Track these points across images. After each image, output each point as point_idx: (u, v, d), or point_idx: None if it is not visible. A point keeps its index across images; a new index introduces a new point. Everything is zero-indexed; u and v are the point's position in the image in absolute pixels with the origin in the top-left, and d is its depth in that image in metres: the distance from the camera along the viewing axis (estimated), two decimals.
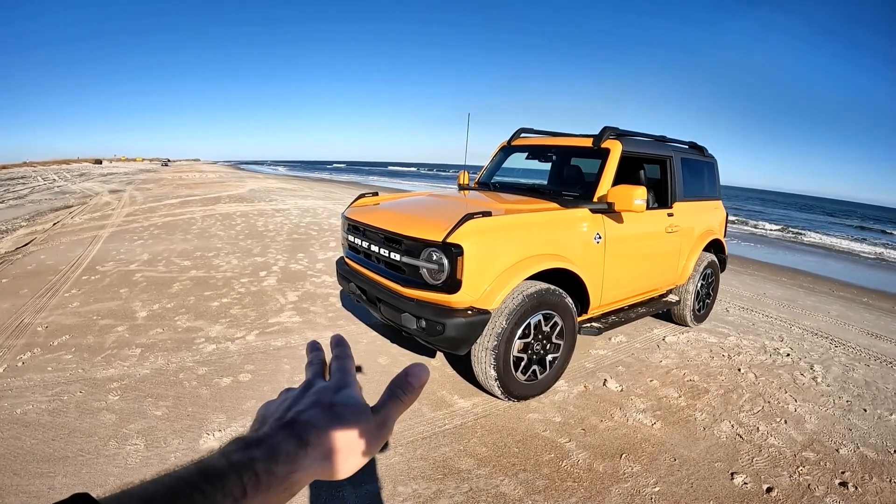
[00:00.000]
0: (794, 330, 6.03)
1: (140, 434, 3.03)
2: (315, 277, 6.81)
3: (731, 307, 6.85)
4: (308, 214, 13.71)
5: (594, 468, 2.97)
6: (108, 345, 4.30)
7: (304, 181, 36.24)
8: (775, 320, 6.39)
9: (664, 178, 4.99)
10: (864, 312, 7.63)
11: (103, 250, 8.16)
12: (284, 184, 30.16)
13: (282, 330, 4.81)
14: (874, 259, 16.80)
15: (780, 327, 6.08)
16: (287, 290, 6.10)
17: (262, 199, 17.80)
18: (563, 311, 3.67)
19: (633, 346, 4.98)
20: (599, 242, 3.96)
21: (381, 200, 4.57)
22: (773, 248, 16.33)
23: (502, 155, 5.49)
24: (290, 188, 25.92)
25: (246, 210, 14.31)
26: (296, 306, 5.53)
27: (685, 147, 5.41)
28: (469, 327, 3.24)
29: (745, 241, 17.42)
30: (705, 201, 5.54)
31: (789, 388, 4.27)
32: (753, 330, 5.84)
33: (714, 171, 5.81)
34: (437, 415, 3.47)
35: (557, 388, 3.93)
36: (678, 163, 5.03)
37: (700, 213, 5.38)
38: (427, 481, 2.77)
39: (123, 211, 13.65)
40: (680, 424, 3.55)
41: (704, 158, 5.63)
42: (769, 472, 3.06)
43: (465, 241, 3.16)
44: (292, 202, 17.23)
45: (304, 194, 21.61)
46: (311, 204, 16.80)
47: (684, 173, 5.12)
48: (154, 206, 15.00)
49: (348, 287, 4.20)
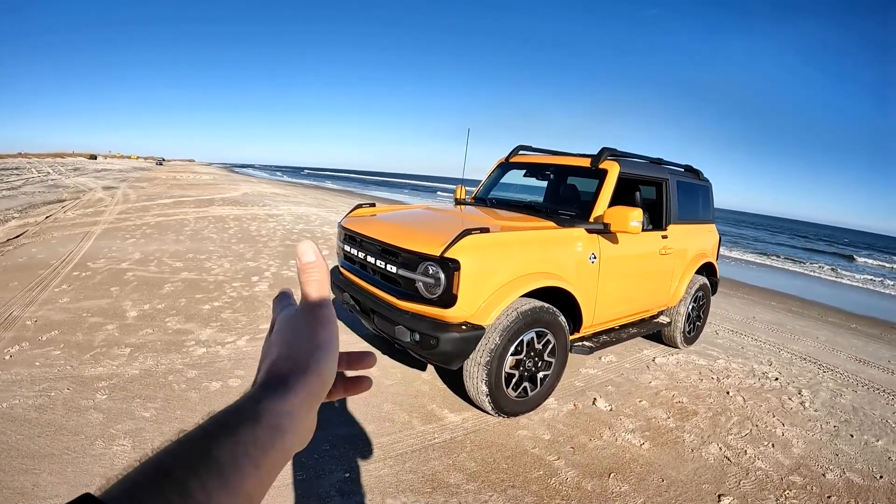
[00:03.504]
0: (782, 354, 6.08)
1: (127, 435, 3.00)
2: None
3: (720, 330, 6.90)
4: (301, 221, 13.70)
5: (583, 486, 2.98)
6: (97, 343, 4.27)
7: (298, 187, 36.23)
8: (764, 344, 6.44)
9: (660, 200, 5.04)
10: (851, 338, 7.71)
11: (95, 247, 8.12)
12: (278, 189, 30.15)
13: None
14: (860, 285, 16.96)
15: (769, 351, 6.14)
16: None
17: (256, 204, 17.79)
18: (556, 329, 3.69)
19: (622, 367, 5.00)
20: (594, 262, 3.99)
21: (379, 212, 4.58)
22: (761, 271, 16.45)
23: (500, 171, 5.52)
24: (283, 193, 25.93)
25: (239, 214, 14.28)
26: None
27: (681, 170, 5.47)
28: (463, 342, 3.25)
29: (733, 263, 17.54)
30: (699, 224, 5.59)
31: (777, 412, 4.31)
32: (742, 353, 5.89)
33: (709, 195, 5.87)
34: (427, 428, 3.46)
35: (547, 406, 3.93)
36: (674, 185, 5.08)
37: (693, 236, 5.43)
38: (416, 494, 2.76)
39: (116, 208, 13.60)
40: (668, 445, 3.57)
41: (699, 182, 5.69)
42: (756, 494, 3.08)
43: (463, 256, 3.17)
44: (286, 208, 17.22)
45: (297, 200, 21.61)
46: (304, 210, 16.79)
47: (679, 196, 5.17)
48: (147, 205, 14.94)
49: (342, 297, 4.20)
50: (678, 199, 5.14)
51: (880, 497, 3.23)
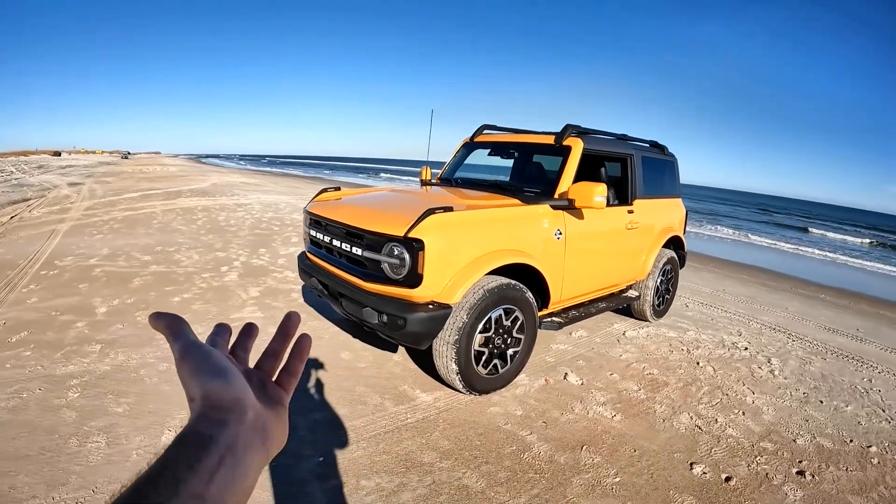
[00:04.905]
0: (752, 325, 6.20)
1: (101, 431, 2.96)
2: (277, 273, 6.74)
3: (690, 303, 7.01)
4: (270, 209, 13.55)
5: (555, 460, 3.01)
6: (67, 341, 4.18)
7: (268, 175, 35.81)
8: (734, 316, 6.56)
9: (625, 175, 5.07)
10: (822, 309, 7.88)
11: (63, 244, 7.93)
12: (247, 178, 29.75)
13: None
14: (829, 257, 17.33)
15: (739, 322, 6.25)
16: (249, 286, 6.02)
17: (225, 194, 17.51)
18: (523, 306, 3.71)
19: (593, 341, 5.06)
20: (560, 238, 4.02)
21: (344, 195, 4.54)
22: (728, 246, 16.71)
23: (465, 151, 5.51)
24: (253, 182, 25.59)
25: (208, 204, 14.06)
26: (258, 301, 5.46)
27: (646, 146, 5.51)
28: (430, 322, 3.25)
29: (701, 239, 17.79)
30: (665, 199, 5.65)
31: (747, 381, 4.40)
32: (712, 325, 5.99)
33: (674, 170, 5.93)
34: (400, 409, 3.47)
35: (519, 382, 3.97)
36: (639, 161, 5.11)
37: (660, 211, 5.49)
38: (390, 475, 2.77)
39: (83, 204, 13.30)
40: (640, 417, 3.63)
41: (665, 157, 5.74)
42: (728, 461, 3.15)
43: (427, 235, 3.17)
44: (255, 197, 17.01)
45: (267, 189, 21.34)
46: (273, 199, 16.59)
47: (645, 171, 5.21)
48: (114, 199, 14.63)
49: (310, 282, 4.17)
50: (643, 174, 5.18)
51: (850, 460, 3.30)
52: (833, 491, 2.96)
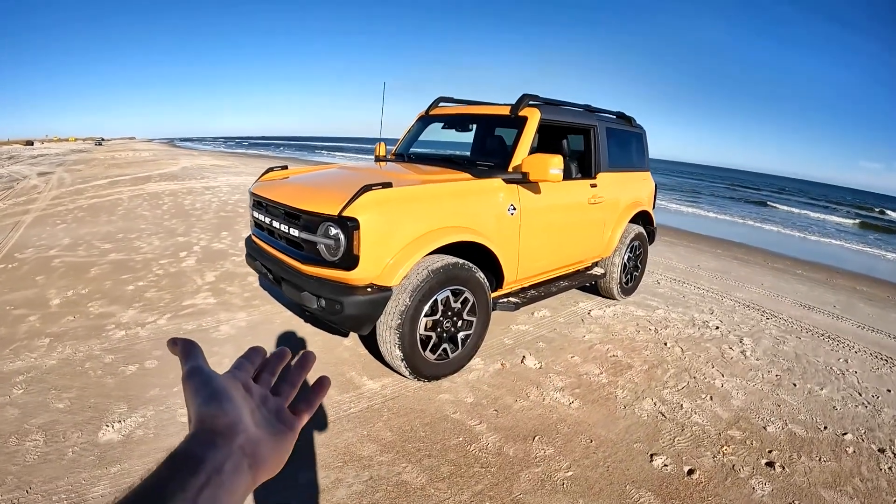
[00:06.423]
0: (725, 302, 6.06)
1: (41, 429, 2.83)
2: (236, 256, 6.52)
3: (662, 279, 6.87)
4: (238, 191, 13.26)
5: (504, 452, 2.83)
6: (18, 336, 3.99)
7: (241, 157, 35.31)
8: (707, 292, 6.43)
9: (588, 147, 4.85)
10: (797, 284, 7.78)
11: (25, 236, 7.64)
12: (219, 160, 29.28)
13: (195, 312, 4.54)
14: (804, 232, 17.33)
15: (712, 300, 6.11)
16: (206, 271, 5.80)
17: (194, 177, 17.14)
18: (474, 287, 3.51)
19: (556, 321, 4.88)
20: (514, 214, 3.81)
21: (291, 174, 4.30)
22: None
23: (420, 125, 5.26)
24: (224, 165, 25.18)
25: (175, 188, 13.73)
26: (212, 287, 5.25)
27: (611, 117, 5.29)
28: (369, 305, 3.06)
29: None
30: (632, 172, 5.45)
31: (717, 363, 4.22)
32: (684, 302, 5.84)
33: (642, 142, 5.72)
34: (344, 398, 3.28)
35: (473, 367, 3.79)
36: (603, 132, 4.89)
37: (626, 185, 5.29)
38: (326, 470, 2.59)
39: (50, 194, 12.92)
40: (599, 403, 3.44)
41: (632, 129, 5.53)
42: (691, 452, 2.96)
43: (362, 214, 2.95)
44: (224, 179, 16.69)
45: (237, 171, 20.98)
46: (243, 181, 16.29)
47: (609, 143, 5.00)
48: (82, 187, 14.24)
49: (255, 266, 3.97)
50: (608, 146, 4.97)
51: (824, 449, 3.11)
52: (804, 484, 2.77)
